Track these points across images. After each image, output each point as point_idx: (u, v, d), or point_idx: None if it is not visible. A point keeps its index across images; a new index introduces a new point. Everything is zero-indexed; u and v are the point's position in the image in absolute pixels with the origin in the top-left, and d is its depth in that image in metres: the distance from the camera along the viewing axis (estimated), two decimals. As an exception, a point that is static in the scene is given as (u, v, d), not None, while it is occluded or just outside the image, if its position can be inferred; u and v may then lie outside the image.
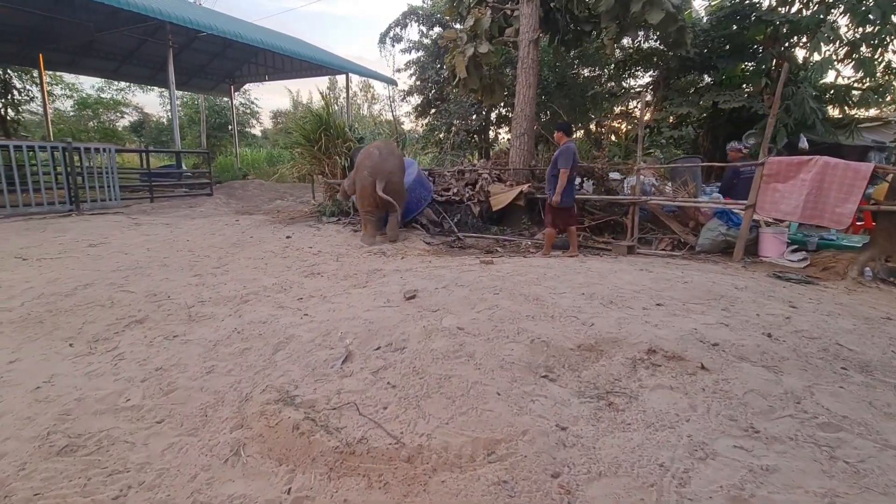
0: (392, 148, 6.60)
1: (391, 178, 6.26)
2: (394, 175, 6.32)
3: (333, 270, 5.01)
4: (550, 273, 4.00)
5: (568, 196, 5.36)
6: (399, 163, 6.49)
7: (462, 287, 3.66)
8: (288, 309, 3.54)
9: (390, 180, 6.21)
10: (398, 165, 6.46)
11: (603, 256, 5.71)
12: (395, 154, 6.53)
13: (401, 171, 6.51)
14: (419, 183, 7.39)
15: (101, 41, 15.96)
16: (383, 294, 3.66)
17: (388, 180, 6.18)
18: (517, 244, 6.78)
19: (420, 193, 7.40)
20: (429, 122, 19.07)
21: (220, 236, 7.22)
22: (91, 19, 13.48)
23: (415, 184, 7.27)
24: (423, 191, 7.47)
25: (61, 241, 6.43)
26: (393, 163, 6.37)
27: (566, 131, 5.45)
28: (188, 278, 4.66)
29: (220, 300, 3.90)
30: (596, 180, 7.58)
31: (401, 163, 6.55)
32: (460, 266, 4.75)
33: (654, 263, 4.93)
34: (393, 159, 6.40)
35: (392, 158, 6.40)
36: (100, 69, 18.06)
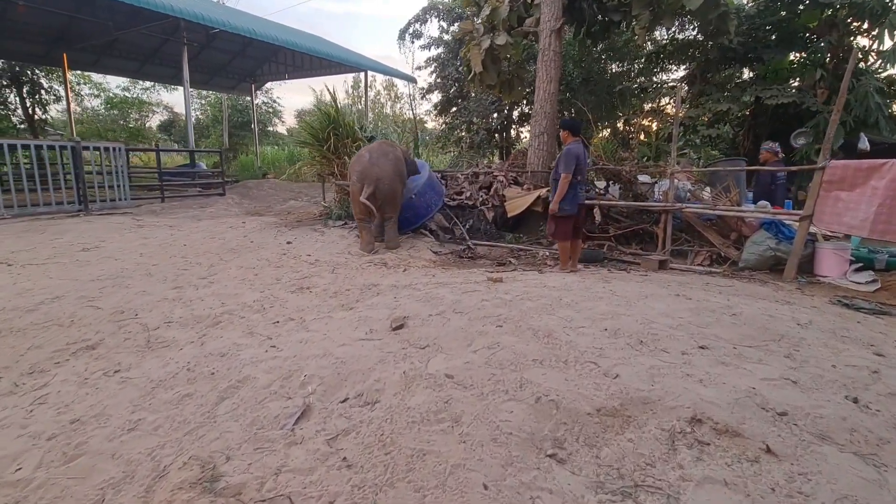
0: (385, 150, 6.05)
1: (379, 183, 5.72)
2: (382, 180, 5.76)
3: (325, 285, 4.53)
4: (567, 298, 3.38)
5: (570, 203, 4.69)
6: (392, 166, 5.91)
7: (460, 315, 3.09)
8: (257, 337, 3.05)
9: (378, 186, 5.69)
10: (391, 169, 5.88)
11: (630, 272, 5.04)
12: (389, 157, 5.97)
13: (394, 175, 5.92)
14: (430, 187, 6.85)
15: (123, 41, 16.06)
16: (368, 321, 3.12)
17: (377, 186, 5.67)
18: (533, 255, 6.15)
19: (430, 198, 6.87)
20: (448, 121, 18.56)
21: (220, 240, 6.86)
22: (111, 19, 13.50)
23: (425, 187, 6.75)
24: (434, 195, 6.94)
25: (55, 245, 6.17)
26: (384, 167, 5.82)
27: (572, 130, 4.77)
28: (167, 291, 4.27)
29: (189, 321, 3.46)
30: (623, 184, 6.88)
31: (395, 166, 5.96)
32: (465, 283, 4.18)
33: (691, 285, 4.24)
34: (385, 163, 5.86)
35: (383, 162, 5.86)
36: (123, 69, 18.22)
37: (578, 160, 4.56)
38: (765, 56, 8.12)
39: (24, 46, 15.10)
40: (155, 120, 30.05)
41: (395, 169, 5.97)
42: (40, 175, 8.55)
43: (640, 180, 7.22)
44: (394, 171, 5.89)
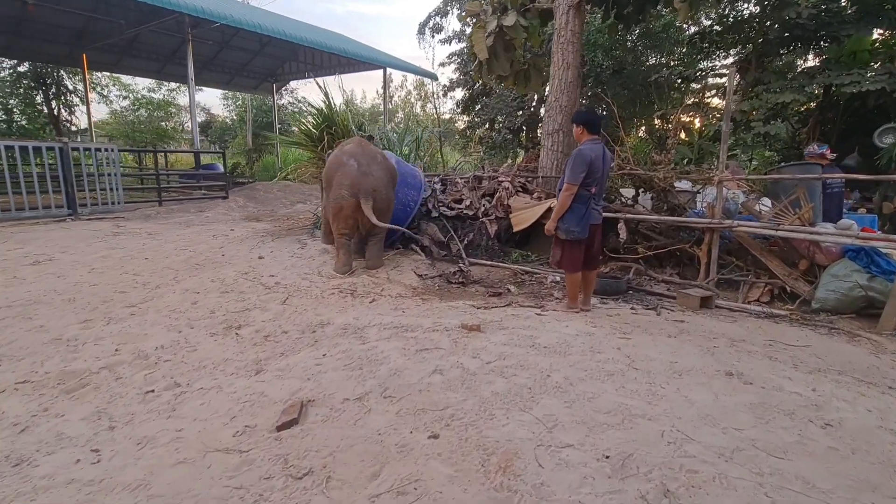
0: (371, 152, 5.02)
1: (377, 195, 4.74)
2: (379, 191, 4.80)
3: (262, 323, 3.60)
4: (560, 373, 2.29)
5: (578, 224, 3.49)
6: (385, 173, 4.94)
7: (390, 401, 2.06)
8: (96, 425, 2.12)
9: (376, 199, 4.72)
10: (385, 176, 4.92)
11: (661, 312, 3.83)
12: (377, 159, 4.97)
13: (389, 184, 4.98)
14: (401, 182, 5.49)
15: (143, 41, 15.94)
16: (258, 403, 2.14)
17: (375, 198, 4.70)
18: (540, 280, 5.02)
19: (405, 195, 5.57)
20: (470, 119, 17.50)
21: (189, 253, 6.12)
22: (124, 16, 13.26)
23: (399, 184, 5.43)
24: (410, 189, 5.64)
25: (6, 257, 5.55)
26: (378, 175, 4.84)
27: (588, 125, 3.52)
28: (70, 327, 3.47)
29: (46, 383, 2.59)
30: (656, 193, 5.62)
31: (388, 172, 4.99)
32: (431, 331, 3.14)
33: (748, 345, 3.00)
34: (377, 170, 4.86)
35: (376, 169, 4.85)
36: (144, 69, 18.16)
37: (592, 166, 3.39)
38: (841, 33, 6.58)
39: (46, 47, 15.15)
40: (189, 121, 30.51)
41: (389, 175, 5.02)
42: (26, 178, 8.10)
43: (679, 187, 5.93)
44: (388, 178, 4.96)
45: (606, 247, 5.61)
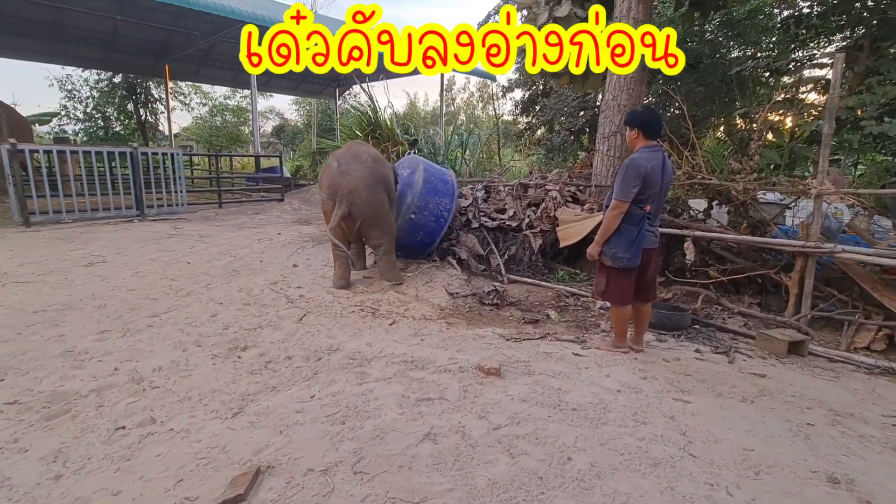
0: (356, 151, 4.50)
1: (354, 197, 4.23)
2: (357, 192, 4.26)
3: (269, 344, 3.36)
4: (587, 452, 1.74)
5: (627, 249, 2.87)
6: (369, 172, 4.36)
7: (360, 479, 1.64)
8: (34, 476, 1.90)
9: (354, 201, 4.22)
10: (367, 176, 4.33)
11: (734, 359, 3.09)
12: (363, 159, 4.41)
13: (374, 183, 4.36)
14: (431, 191, 5.02)
15: (218, 52, 16.92)
16: (209, 465, 1.82)
17: (351, 202, 4.23)
18: (586, 305, 4.38)
19: (437, 204, 5.07)
20: (529, 120, 16.81)
21: (231, 257, 6.16)
22: (198, 28, 14.11)
23: (425, 195, 4.99)
24: (439, 197, 5.11)
25: (66, 258, 5.86)
26: (357, 174, 4.28)
27: (644, 128, 2.90)
28: (86, 338, 3.44)
29: (34, 404, 2.48)
30: (734, 207, 4.75)
31: (373, 171, 4.40)
32: (442, 371, 2.69)
33: (860, 418, 2.24)
34: (358, 168, 4.31)
35: (356, 167, 4.31)
36: (219, 78, 19.33)
37: (648, 179, 2.76)
38: None
39: (135, 59, 16.52)
40: (268, 125, 32.39)
41: (374, 175, 4.39)
42: (101, 181, 8.70)
43: (764, 200, 5.00)
44: (372, 177, 4.34)
45: (670, 268, 4.84)
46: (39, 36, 13.67)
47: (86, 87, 18.69)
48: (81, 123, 18.87)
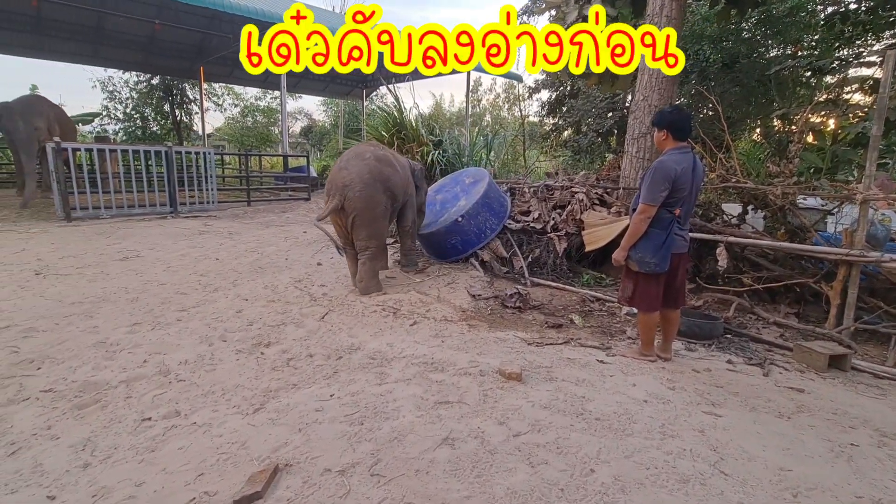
0: (362, 151, 4.41)
1: (348, 192, 4.13)
2: (352, 187, 4.13)
3: (291, 341, 3.39)
4: (610, 465, 1.68)
5: (655, 254, 2.75)
6: (368, 169, 4.24)
7: (377, 482, 1.62)
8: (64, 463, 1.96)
9: (347, 195, 4.13)
10: (365, 172, 4.21)
11: (769, 372, 2.94)
12: (366, 157, 4.33)
13: (371, 181, 4.23)
14: (486, 205, 5.27)
15: (249, 53, 17.35)
16: (229, 461, 1.83)
17: (344, 196, 4.14)
18: (611, 310, 4.26)
19: (485, 220, 5.29)
20: (555, 122, 16.60)
21: (258, 255, 6.31)
22: (231, 31, 14.52)
23: (479, 206, 5.20)
24: (492, 216, 5.34)
25: (103, 252, 6.10)
26: (354, 169, 4.21)
27: (674, 128, 2.77)
28: (118, 330, 3.57)
29: (66, 394, 2.57)
30: (771, 212, 4.54)
31: (373, 169, 4.27)
32: (462, 374, 2.65)
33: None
34: (357, 164, 4.25)
35: (355, 163, 4.26)
36: (251, 79, 19.81)
37: (678, 182, 2.66)
38: None
39: (172, 63, 17.12)
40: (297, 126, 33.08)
41: (374, 173, 4.25)
42: (137, 178, 9.04)
43: (804, 205, 4.77)
44: (370, 174, 4.21)
45: (701, 274, 4.66)
46: (84, 39, 14.33)
47: (126, 88, 19.49)
48: (121, 123, 19.67)
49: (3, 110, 8.74)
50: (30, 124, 8.79)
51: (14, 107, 8.90)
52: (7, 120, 8.70)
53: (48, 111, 9.40)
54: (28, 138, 8.76)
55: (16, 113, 8.77)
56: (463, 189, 5.60)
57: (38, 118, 8.98)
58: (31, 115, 8.88)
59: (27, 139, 8.76)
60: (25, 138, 8.76)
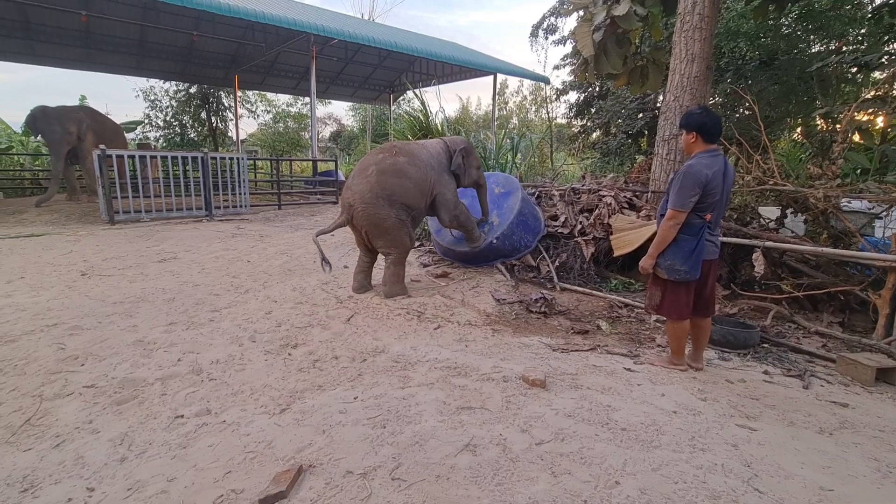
0: (366, 165, 4.32)
1: (353, 212, 4.20)
2: (354, 208, 4.18)
3: (318, 343, 3.46)
4: (636, 477, 1.63)
5: (686, 261, 2.65)
6: (370, 189, 4.17)
7: (397, 486, 1.63)
8: (103, 456, 2.05)
9: (354, 215, 4.22)
10: (367, 194, 4.16)
11: (810, 385, 2.80)
12: (369, 175, 4.23)
13: (373, 201, 4.18)
14: (521, 224, 5.13)
15: (282, 61, 17.89)
16: (257, 460, 1.88)
17: (352, 215, 4.24)
18: (640, 317, 4.15)
19: (519, 238, 5.20)
20: (583, 124, 16.35)
21: (287, 257, 6.48)
22: (264, 40, 15.00)
23: (514, 227, 5.07)
24: (527, 233, 5.25)
25: (143, 254, 6.38)
26: (356, 188, 4.20)
27: (703, 130, 2.66)
28: (155, 329, 3.72)
29: (106, 389, 2.70)
30: (812, 215, 4.32)
31: (376, 188, 4.18)
32: (486, 380, 2.63)
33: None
34: (359, 183, 4.21)
35: (357, 182, 4.23)
36: (282, 86, 20.38)
37: (709, 186, 2.56)
38: None
39: (209, 72, 17.80)
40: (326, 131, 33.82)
41: (375, 189, 4.17)
42: (175, 183, 9.43)
43: (848, 209, 4.52)
44: (371, 192, 4.15)
45: (737, 281, 4.48)
46: (128, 52, 15.10)
47: (166, 97, 20.38)
48: (162, 130, 20.57)
49: (41, 113, 9.41)
50: (64, 128, 9.37)
51: (51, 111, 9.55)
52: (42, 122, 9.33)
53: (85, 119, 9.94)
54: (58, 140, 9.33)
55: (52, 116, 9.41)
56: (493, 201, 5.40)
57: (72, 124, 9.54)
58: (66, 120, 9.47)
59: (58, 141, 9.32)
60: (57, 140, 9.32)
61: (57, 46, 13.77)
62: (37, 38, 13.20)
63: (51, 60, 14.38)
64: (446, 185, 4.65)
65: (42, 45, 13.52)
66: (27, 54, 13.74)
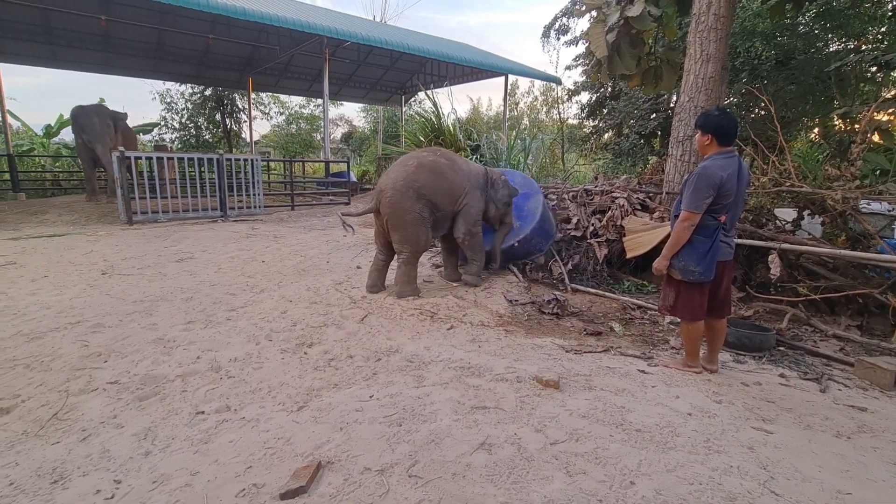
0: (407, 158, 4.52)
1: (382, 196, 4.33)
2: (384, 192, 4.31)
3: (332, 342, 3.51)
4: (651, 478, 1.64)
5: (700, 262, 2.64)
6: (404, 178, 4.30)
7: (414, 483, 1.66)
8: (128, 450, 2.12)
9: (382, 200, 4.32)
10: (400, 182, 4.28)
11: (827, 389, 2.77)
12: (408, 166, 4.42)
13: (402, 190, 4.27)
14: (540, 230, 5.16)
15: (295, 64, 18.08)
16: (277, 456, 1.92)
17: (380, 200, 4.34)
18: (654, 319, 4.13)
19: (536, 243, 5.25)
20: (595, 125, 16.27)
21: (301, 258, 6.55)
22: (278, 43, 15.19)
23: (534, 233, 5.11)
24: (542, 239, 5.29)
25: (160, 254, 6.51)
26: (392, 174, 4.38)
27: (719, 132, 2.65)
28: (174, 327, 3.80)
29: (130, 385, 2.77)
30: (830, 217, 4.26)
31: (410, 179, 4.30)
32: (499, 380, 2.66)
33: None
34: (396, 171, 4.40)
35: (395, 170, 4.42)
36: (295, 88, 20.60)
37: (723, 188, 2.56)
38: None
39: (223, 74, 18.06)
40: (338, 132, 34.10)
41: (408, 180, 4.28)
42: (191, 184, 9.60)
43: (867, 211, 4.45)
44: (405, 182, 4.27)
45: (752, 283, 4.44)
46: (146, 55, 15.40)
47: (182, 99, 20.72)
48: (177, 132, 20.91)
49: (80, 110, 10.12)
50: (104, 121, 10.15)
51: (87, 107, 10.29)
52: (84, 118, 9.97)
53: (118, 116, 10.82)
54: (102, 132, 10.05)
55: (91, 112, 10.14)
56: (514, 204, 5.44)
57: (108, 117, 10.39)
58: (104, 115, 10.31)
59: (102, 133, 10.04)
60: (101, 132, 10.02)
61: (77, 50, 14.10)
62: (58, 43, 13.53)
63: (71, 64, 14.73)
64: (476, 201, 4.70)
65: (63, 49, 13.85)
66: (49, 58, 14.09)
